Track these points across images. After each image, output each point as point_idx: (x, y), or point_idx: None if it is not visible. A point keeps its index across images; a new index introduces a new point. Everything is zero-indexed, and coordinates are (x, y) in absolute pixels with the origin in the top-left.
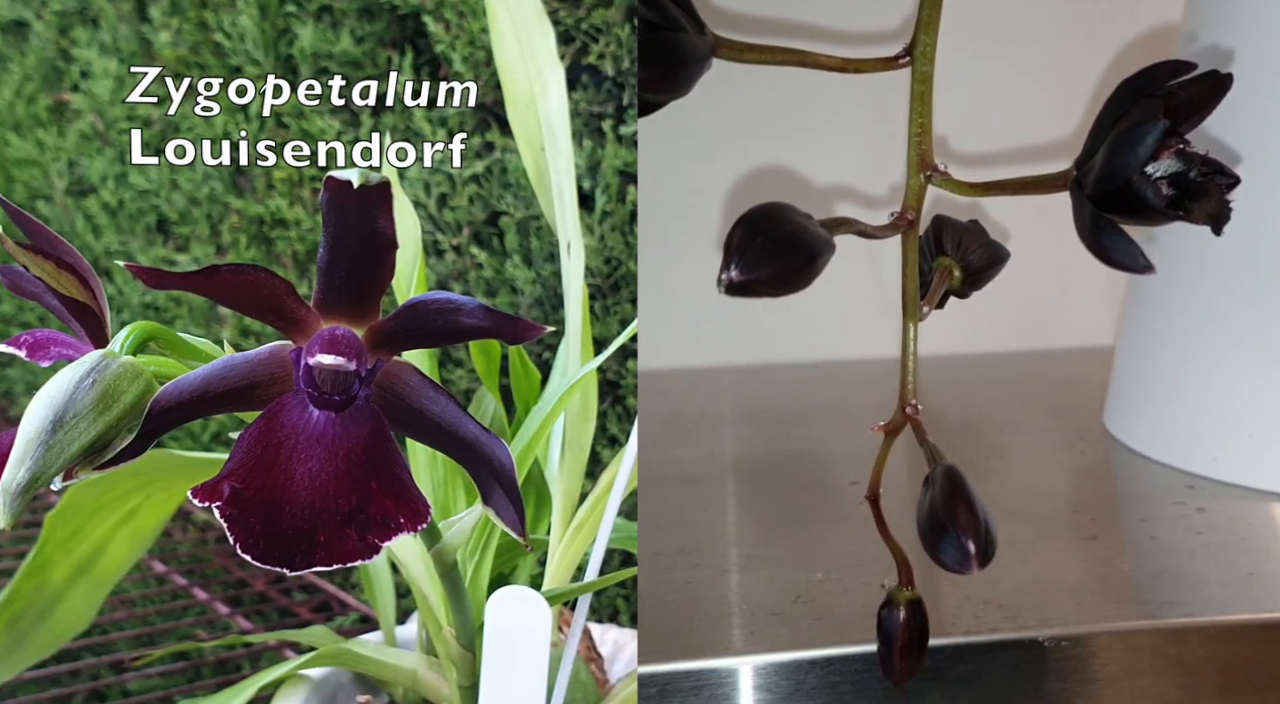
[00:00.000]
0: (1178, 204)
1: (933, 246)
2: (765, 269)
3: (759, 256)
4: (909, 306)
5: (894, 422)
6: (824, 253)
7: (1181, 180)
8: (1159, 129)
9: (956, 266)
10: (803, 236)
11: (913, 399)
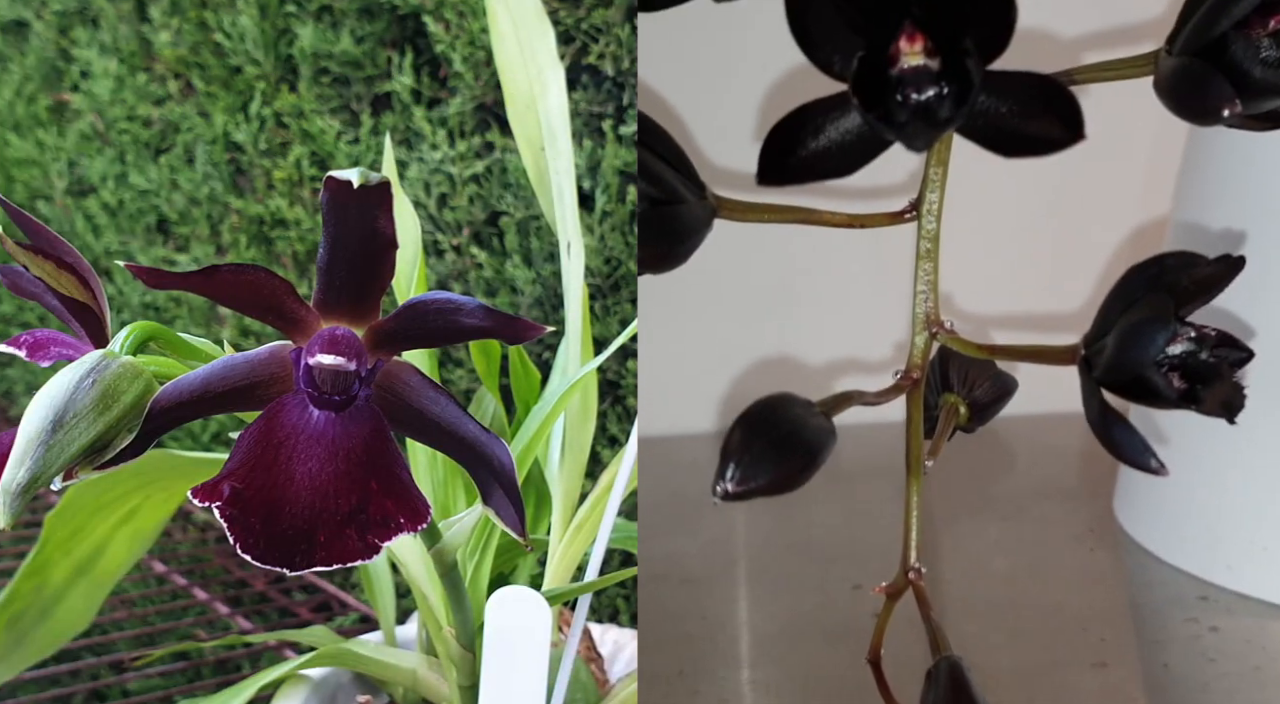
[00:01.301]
0: (1190, 394)
1: (938, 381)
2: (763, 478)
3: (756, 464)
4: (913, 464)
5: (895, 584)
6: (824, 448)
7: (1192, 362)
8: (1170, 329)
9: (963, 403)
10: (801, 435)
11: (916, 562)
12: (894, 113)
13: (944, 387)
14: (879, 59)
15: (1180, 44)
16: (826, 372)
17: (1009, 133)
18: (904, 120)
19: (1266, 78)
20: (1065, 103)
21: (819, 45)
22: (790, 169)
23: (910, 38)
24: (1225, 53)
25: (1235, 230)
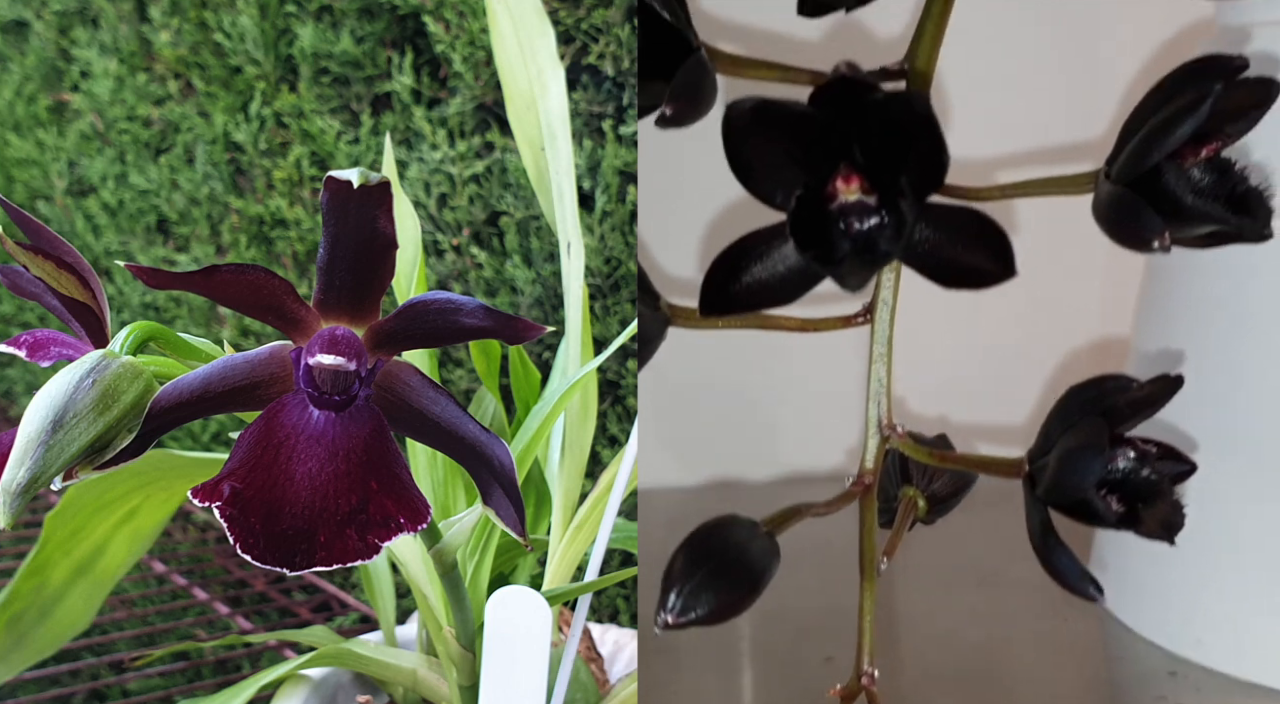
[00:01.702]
0: (1130, 516)
1: (896, 474)
2: (703, 608)
3: (698, 593)
4: (867, 567)
5: (849, 688)
6: (767, 573)
7: (1133, 479)
8: (1103, 456)
9: (921, 497)
10: (744, 561)
11: (869, 666)
12: (831, 247)
13: (903, 479)
14: (817, 195)
15: (1117, 170)
16: (772, 486)
17: (945, 264)
18: (841, 255)
19: (1197, 206)
20: (997, 238)
21: (758, 180)
22: (732, 300)
23: (847, 178)
24: (1159, 181)
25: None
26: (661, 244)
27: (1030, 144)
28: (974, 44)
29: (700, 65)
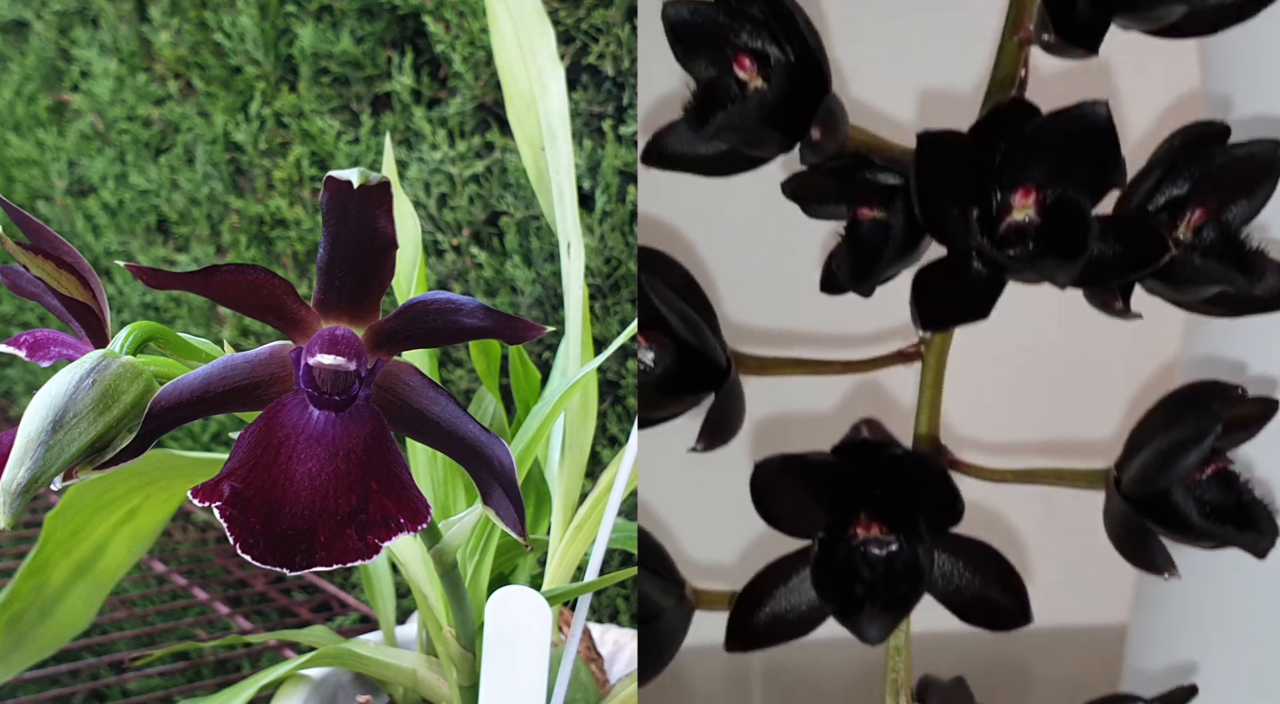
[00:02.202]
0: (1218, 525)
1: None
2: None
3: None
4: None
5: None
6: None
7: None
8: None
9: None
10: None
11: None
12: (850, 592)
13: None
14: (838, 536)
15: (1127, 485)
16: None
17: (967, 599)
18: (861, 595)
19: (1205, 528)
20: (1013, 581)
21: (782, 520)
22: (756, 631)
23: (867, 525)
24: (1167, 501)
25: None
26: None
27: None
28: None
29: (733, 393)
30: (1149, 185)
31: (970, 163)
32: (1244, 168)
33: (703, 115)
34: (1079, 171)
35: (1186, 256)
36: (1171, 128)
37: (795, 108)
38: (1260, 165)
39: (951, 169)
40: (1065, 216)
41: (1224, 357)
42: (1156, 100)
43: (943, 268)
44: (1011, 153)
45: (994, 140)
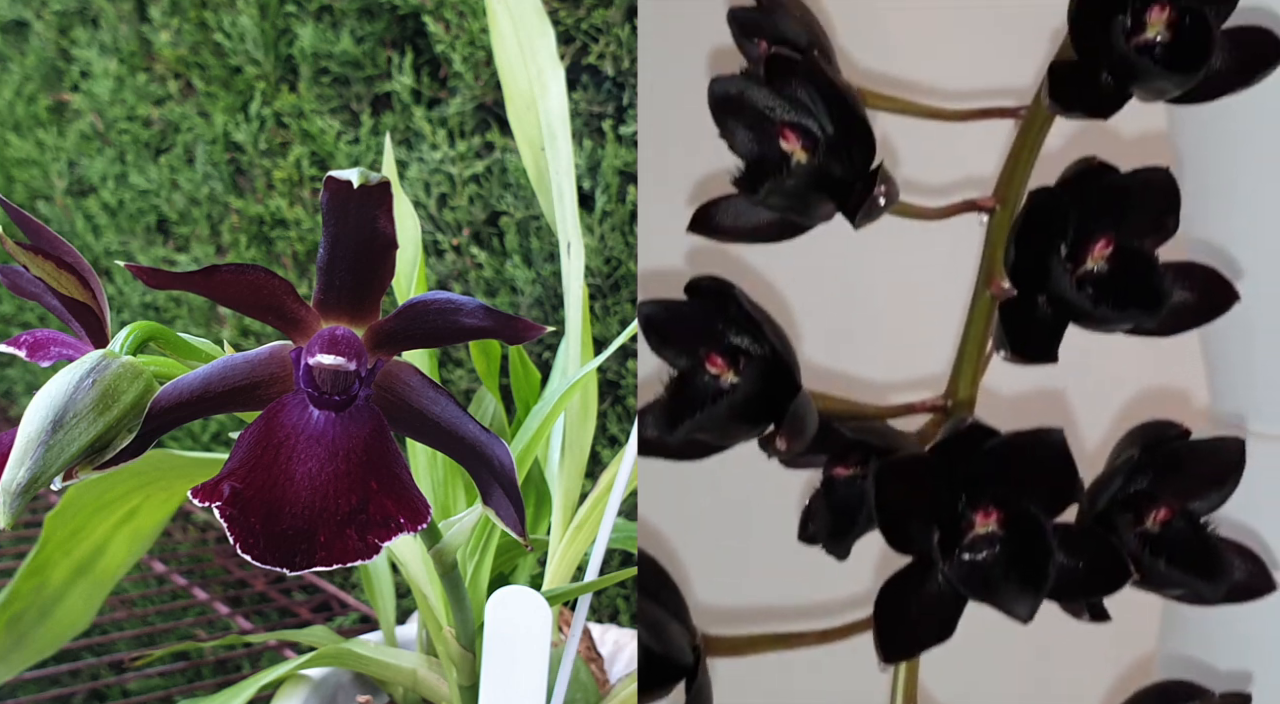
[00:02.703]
0: None
1: None
2: None
3: None
4: None
5: None
6: None
7: None
8: None
9: None
10: None
11: None
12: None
13: None
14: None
15: None
16: None
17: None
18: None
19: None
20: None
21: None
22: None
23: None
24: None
25: None
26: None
27: None
28: None
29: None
30: (1111, 492)
31: (930, 483)
32: (1210, 463)
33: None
34: (1037, 491)
35: (1152, 562)
36: None
37: (767, 405)
38: (1227, 460)
39: (912, 489)
40: (1026, 538)
41: (1198, 658)
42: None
43: (907, 581)
44: (971, 472)
45: (953, 461)
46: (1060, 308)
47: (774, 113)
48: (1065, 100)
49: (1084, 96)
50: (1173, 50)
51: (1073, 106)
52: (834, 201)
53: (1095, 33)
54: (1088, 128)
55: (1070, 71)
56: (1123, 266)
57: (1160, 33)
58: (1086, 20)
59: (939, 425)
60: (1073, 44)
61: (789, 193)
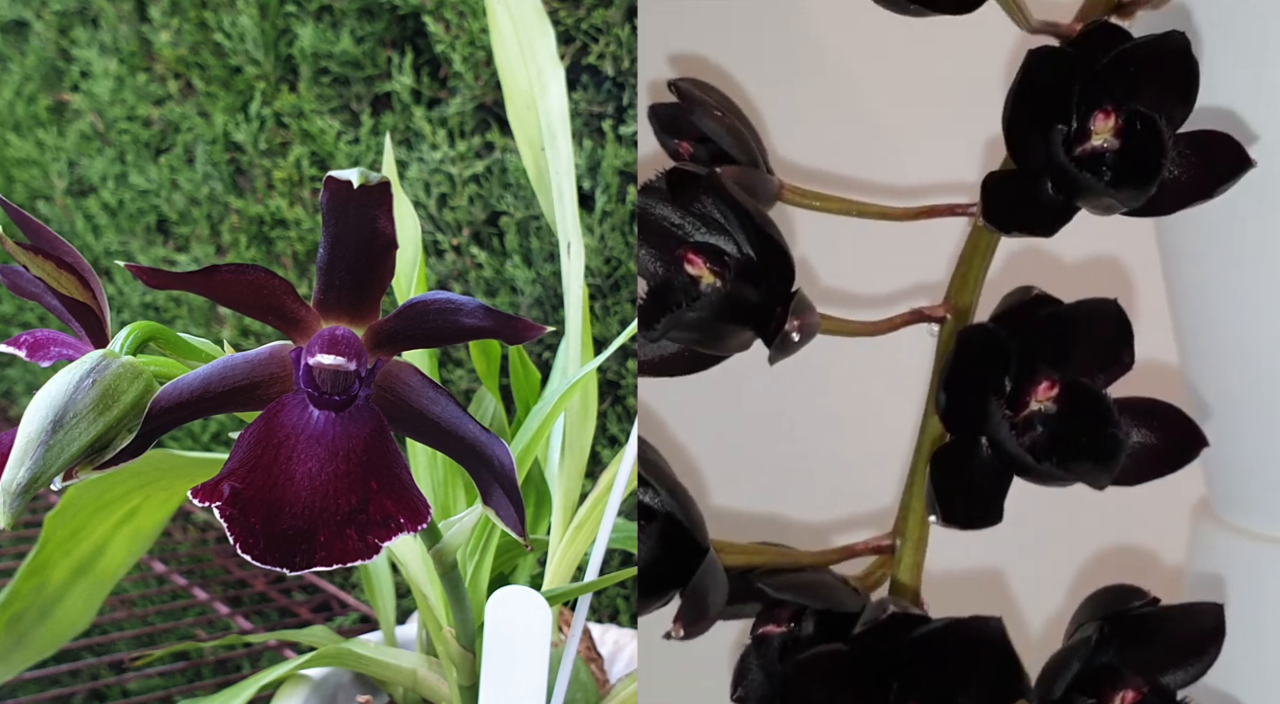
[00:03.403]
0: None
1: None
2: None
3: None
4: None
5: None
6: None
7: None
8: None
9: None
10: None
11: None
12: None
13: None
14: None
15: None
16: None
17: None
18: None
19: None
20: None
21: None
22: None
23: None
24: None
25: None
26: None
27: None
28: None
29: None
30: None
31: (851, 681)
32: (1185, 632)
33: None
34: (975, 688)
35: None
36: None
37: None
38: (1204, 627)
39: (832, 691)
40: None
41: None
42: None
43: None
44: (898, 667)
45: (877, 654)
46: (1002, 459)
47: (681, 232)
48: (1001, 218)
49: (1023, 214)
50: (1122, 160)
51: (1010, 225)
52: (750, 329)
53: (1034, 141)
54: None
55: (1007, 185)
56: (1071, 409)
57: (1107, 140)
58: (1023, 128)
59: (885, 568)
60: (1010, 154)
61: (692, 325)
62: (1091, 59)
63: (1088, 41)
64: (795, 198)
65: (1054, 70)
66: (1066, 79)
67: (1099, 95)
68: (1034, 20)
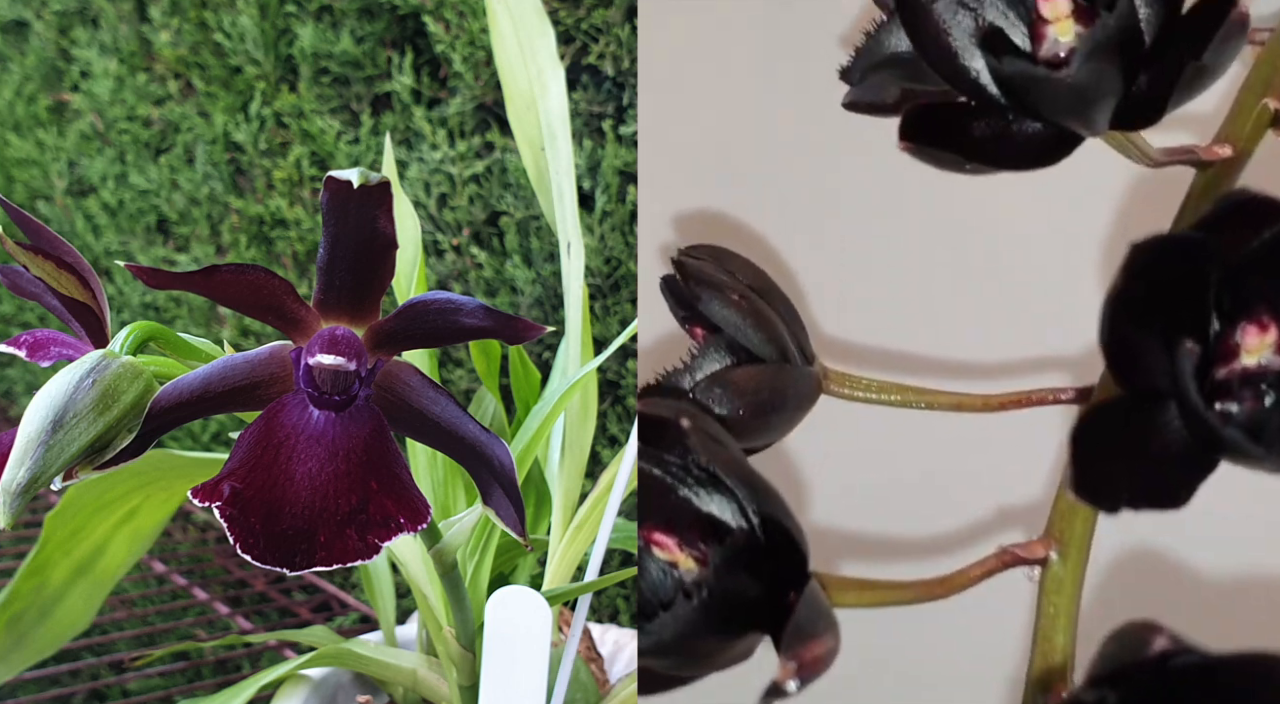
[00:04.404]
0: None
1: None
2: None
3: None
4: None
5: None
6: None
7: None
8: None
9: None
10: None
11: None
12: None
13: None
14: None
15: None
16: None
17: None
18: None
19: None
20: None
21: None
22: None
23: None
24: None
25: None
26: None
27: None
28: None
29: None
30: None
31: None
32: None
33: None
34: None
35: None
36: None
37: None
38: None
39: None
40: None
41: None
42: None
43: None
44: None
45: None
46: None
47: (667, 484)
48: (1099, 490)
49: (1136, 478)
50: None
51: (1114, 499)
52: (747, 634)
53: (1149, 363)
54: None
55: (1107, 431)
56: None
57: (1266, 359)
58: (1130, 347)
59: None
60: (1114, 377)
61: (660, 649)
62: (1236, 242)
63: (1228, 219)
64: (845, 389)
65: (1176, 267)
66: (1197, 277)
67: (1249, 296)
68: (1155, 153)
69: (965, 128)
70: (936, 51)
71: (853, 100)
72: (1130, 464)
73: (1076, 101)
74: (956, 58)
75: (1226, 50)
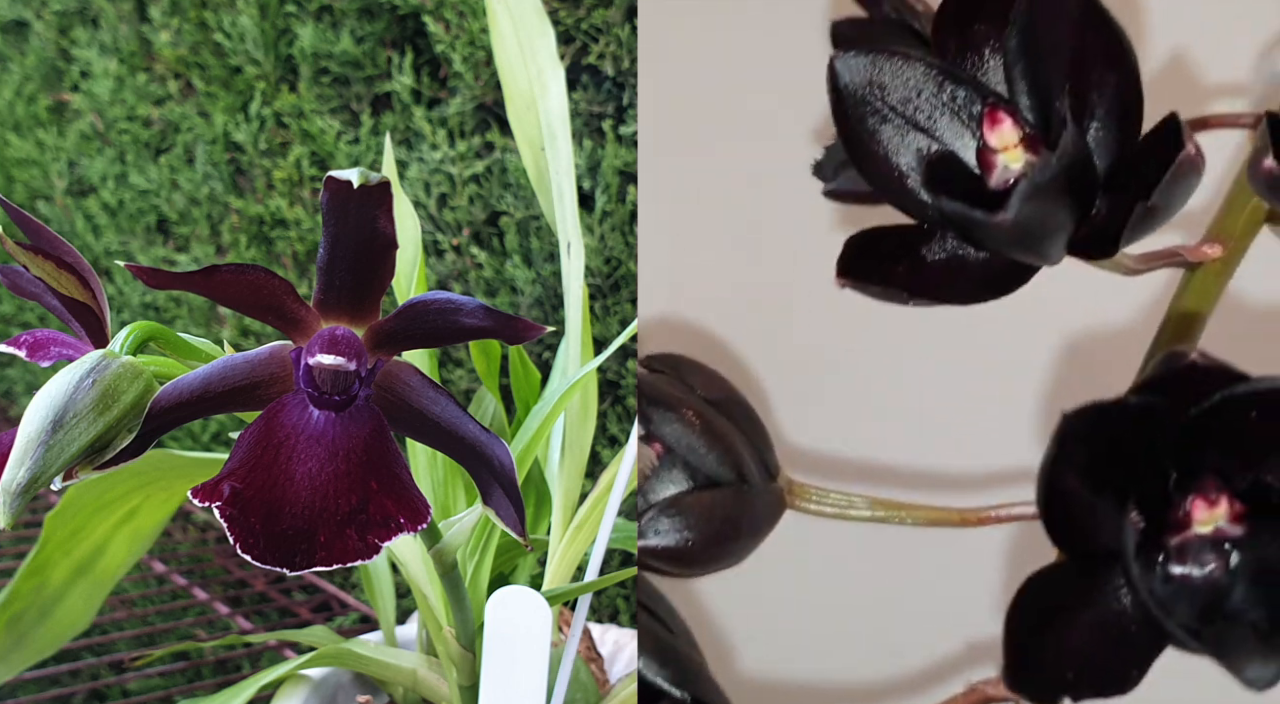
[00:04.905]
0: None
1: None
2: None
3: None
4: None
5: None
6: None
7: None
8: None
9: None
10: None
11: None
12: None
13: None
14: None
15: None
16: None
17: None
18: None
19: None
20: None
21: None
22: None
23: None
24: None
25: None
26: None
27: None
28: None
29: None
30: None
31: None
32: None
33: None
34: None
35: None
36: None
37: None
38: None
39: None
40: None
41: None
42: None
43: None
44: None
45: None
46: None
47: None
48: (1032, 683)
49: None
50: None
51: (1053, 692)
52: None
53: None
54: None
55: (1042, 619)
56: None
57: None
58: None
59: None
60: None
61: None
62: (1180, 405)
63: (1171, 383)
64: (810, 505)
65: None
66: (1135, 442)
67: (1195, 465)
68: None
69: (915, 252)
70: (881, 178)
71: (833, 190)
72: (1073, 639)
73: (1023, 238)
74: (903, 182)
75: (1177, 190)
